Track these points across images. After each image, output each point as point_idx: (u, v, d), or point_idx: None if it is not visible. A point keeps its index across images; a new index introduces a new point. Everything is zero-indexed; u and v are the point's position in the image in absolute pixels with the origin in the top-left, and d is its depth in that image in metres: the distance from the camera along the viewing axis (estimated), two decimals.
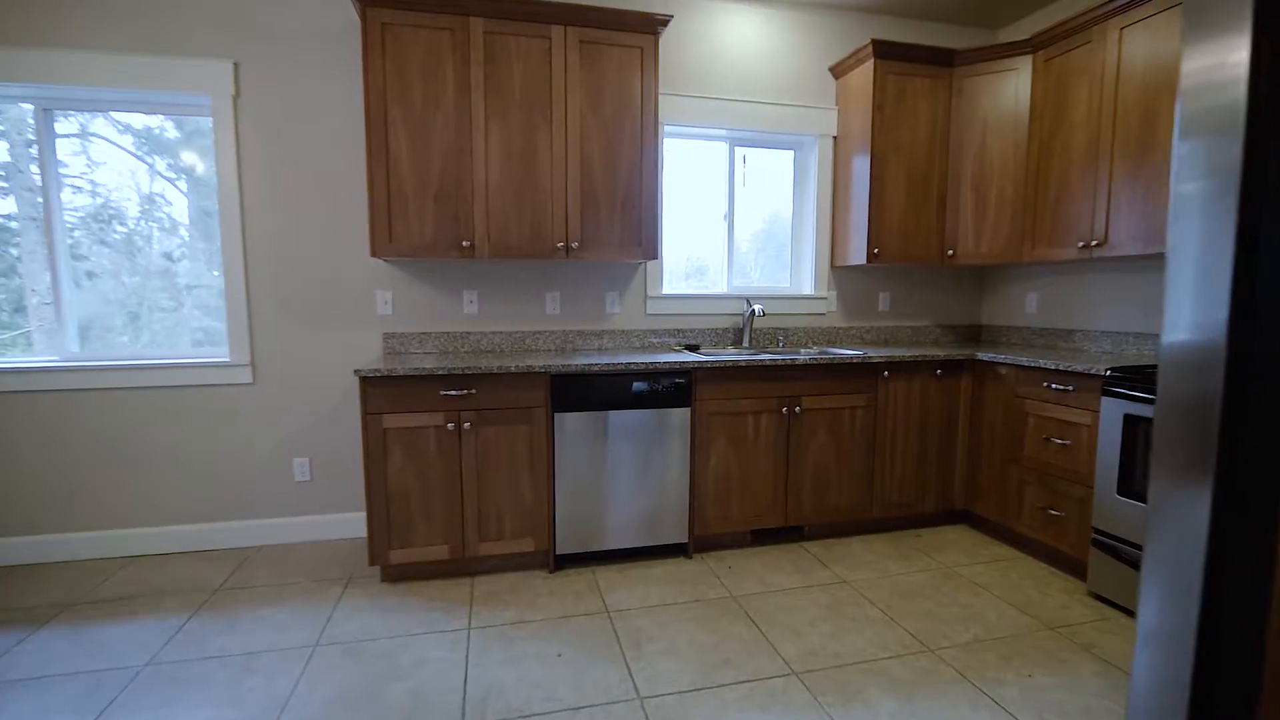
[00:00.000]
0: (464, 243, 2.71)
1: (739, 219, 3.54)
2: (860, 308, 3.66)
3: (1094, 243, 2.76)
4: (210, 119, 2.79)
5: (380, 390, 2.44)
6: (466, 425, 2.51)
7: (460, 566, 2.65)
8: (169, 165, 2.87)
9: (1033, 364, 2.74)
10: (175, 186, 2.88)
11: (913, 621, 2.30)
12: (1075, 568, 2.65)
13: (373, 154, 2.60)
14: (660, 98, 3.20)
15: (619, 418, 2.67)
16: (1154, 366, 2.41)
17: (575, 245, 2.82)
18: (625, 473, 2.70)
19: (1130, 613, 2.35)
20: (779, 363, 2.82)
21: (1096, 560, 2.45)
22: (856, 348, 3.38)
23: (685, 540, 2.81)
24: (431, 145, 2.65)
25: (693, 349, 3.26)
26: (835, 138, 3.48)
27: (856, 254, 3.31)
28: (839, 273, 3.60)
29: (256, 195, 2.84)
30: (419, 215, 2.67)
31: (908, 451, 3.08)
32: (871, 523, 3.15)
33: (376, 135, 2.60)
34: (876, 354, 2.98)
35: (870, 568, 2.75)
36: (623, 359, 2.73)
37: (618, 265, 3.26)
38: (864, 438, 3.01)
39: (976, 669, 2.02)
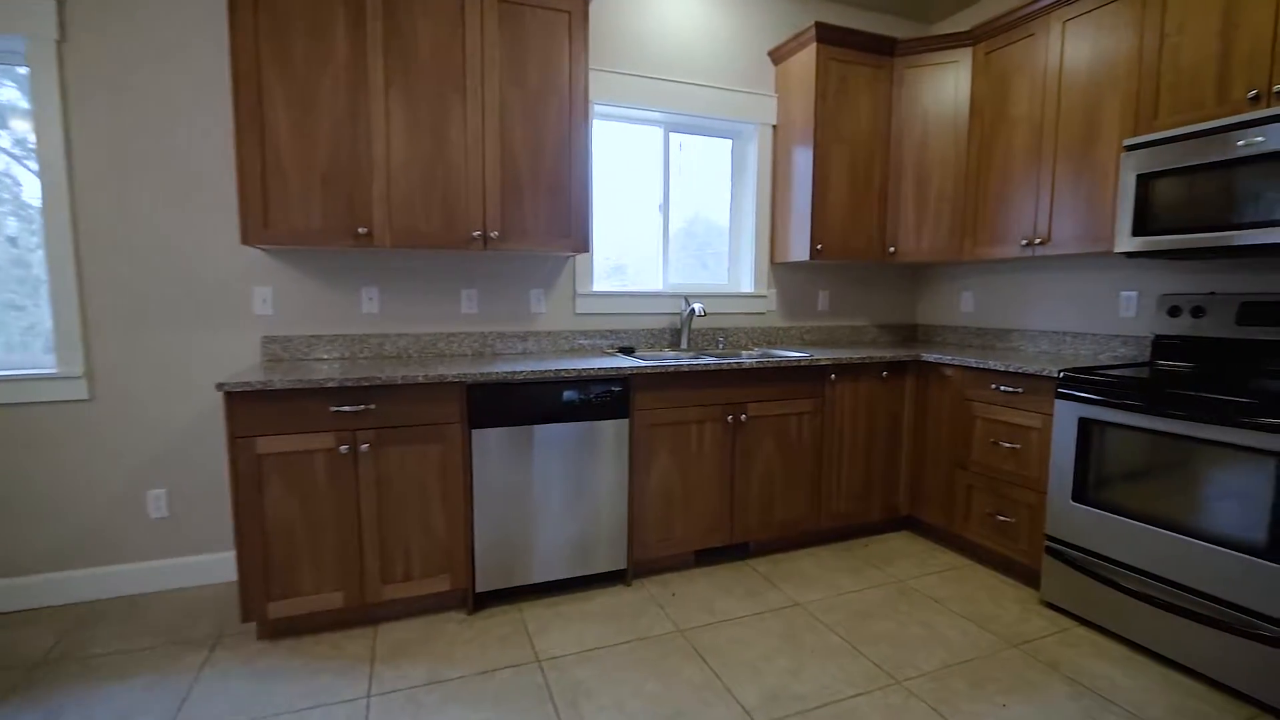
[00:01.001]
0: (360, 230, 2.29)
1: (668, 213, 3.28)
2: (800, 307, 3.49)
3: (1037, 240, 2.70)
4: (26, 69, 2.22)
5: (252, 407, 1.99)
6: (364, 447, 2.10)
7: (359, 615, 2.24)
8: (14, 141, 2.30)
9: (981, 365, 2.64)
10: (24, 165, 2.31)
11: (874, 648, 2.11)
12: (1027, 575, 2.57)
13: (242, 122, 2.14)
14: (590, 73, 2.89)
15: (547, 432, 2.34)
16: (1109, 367, 2.34)
17: (495, 234, 2.46)
18: (555, 495, 2.38)
19: (1088, 623, 2.26)
20: (724, 367, 2.58)
21: (1050, 568, 2.36)
22: (799, 349, 3.20)
23: (624, 566, 2.52)
24: (319, 114, 2.22)
25: (627, 352, 2.97)
26: (775, 126, 3.29)
27: (799, 249, 3.13)
28: (778, 270, 3.41)
29: (93, 166, 2.29)
30: (303, 196, 2.23)
31: (855, 458, 2.93)
32: (819, 534, 2.98)
33: (247, 100, 2.14)
34: (823, 356, 2.80)
35: (822, 585, 2.56)
36: (551, 365, 2.40)
37: (544, 258, 2.92)
38: (811, 445, 2.82)
39: (949, 701, 1.85)
